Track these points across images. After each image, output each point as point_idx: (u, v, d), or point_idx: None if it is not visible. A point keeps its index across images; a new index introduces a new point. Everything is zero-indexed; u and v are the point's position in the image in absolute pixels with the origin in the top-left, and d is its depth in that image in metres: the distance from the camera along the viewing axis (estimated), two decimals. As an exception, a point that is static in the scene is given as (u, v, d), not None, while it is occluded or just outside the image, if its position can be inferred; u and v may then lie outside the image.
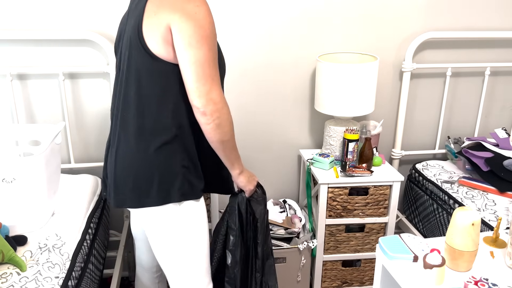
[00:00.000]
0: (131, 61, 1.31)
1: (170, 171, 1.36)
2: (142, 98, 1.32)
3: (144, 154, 1.34)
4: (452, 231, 1.28)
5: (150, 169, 1.35)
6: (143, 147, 1.34)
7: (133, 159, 1.36)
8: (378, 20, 2.31)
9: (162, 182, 1.36)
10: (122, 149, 1.38)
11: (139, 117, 1.33)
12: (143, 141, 1.34)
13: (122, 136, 1.38)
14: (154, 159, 1.34)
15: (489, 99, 2.55)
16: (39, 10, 2.06)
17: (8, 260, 1.49)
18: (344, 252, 2.24)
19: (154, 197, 1.37)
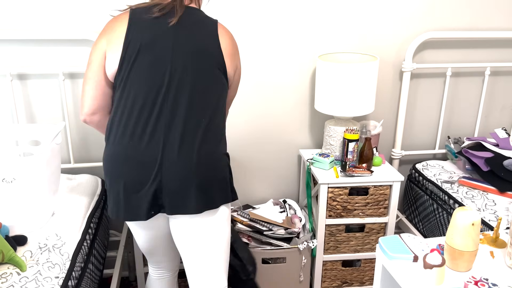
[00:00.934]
0: (210, 73, 1.44)
1: (228, 174, 1.52)
2: (218, 106, 1.47)
3: (221, 155, 1.48)
4: (452, 231, 1.28)
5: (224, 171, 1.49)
6: (224, 148, 1.51)
7: (216, 161, 1.46)
8: (378, 20, 2.32)
9: (231, 180, 1.54)
10: (204, 153, 1.42)
11: (220, 122, 1.49)
12: (223, 142, 1.51)
13: (200, 142, 1.42)
14: (224, 161, 1.50)
15: (489, 99, 2.55)
16: (39, 10, 2.06)
17: (8, 260, 1.49)
18: (344, 252, 2.24)
19: (230, 194, 1.52)
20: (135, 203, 1.41)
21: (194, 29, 1.44)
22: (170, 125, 1.39)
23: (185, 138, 1.40)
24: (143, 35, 1.40)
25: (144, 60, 1.40)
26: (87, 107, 1.47)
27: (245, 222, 2.14)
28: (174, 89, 1.40)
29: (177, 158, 1.38)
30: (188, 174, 1.39)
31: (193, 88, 1.41)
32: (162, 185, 1.39)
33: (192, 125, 1.40)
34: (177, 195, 1.40)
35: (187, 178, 1.39)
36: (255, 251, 2.10)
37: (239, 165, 2.45)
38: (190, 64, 1.41)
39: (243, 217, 2.16)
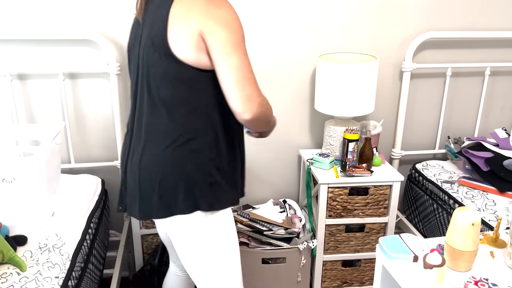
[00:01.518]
0: (156, 66, 1.27)
1: (197, 179, 1.32)
2: (170, 103, 1.29)
3: (171, 159, 1.30)
4: (452, 231, 1.28)
5: (177, 176, 1.31)
6: (171, 152, 1.30)
7: (160, 164, 1.31)
8: (378, 20, 2.31)
9: (189, 190, 1.32)
10: (148, 154, 1.32)
11: (168, 121, 1.30)
12: (171, 146, 1.30)
13: (148, 142, 1.33)
14: (182, 165, 1.30)
15: (489, 99, 2.55)
16: (39, 10, 2.06)
17: (8, 260, 1.49)
18: (344, 252, 2.24)
19: (181, 206, 1.32)
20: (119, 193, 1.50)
21: (154, 13, 1.28)
22: (136, 121, 1.38)
23: (136, 142, 1.37)
24: (131, 35, 1.43)
25: (130, 62, 1.43)
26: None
27: (245, 222, 2.14)
28: (139, 88, 1.35)
29: (130, 161, 1.38)
30: (133, 179, 1.36)
31: (143, 85, 1.32)
32: (125, 185, 1.43)
33: (140, 127, 1.35)
34: (130, 196, 1.39)
35: (135, 179, 1.35)
36: (255, 251, 2.10)
37: (239, 165, 2.45)
38: (145, 56, 1.29)
39: (243, 217, 2.16)
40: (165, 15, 1.23)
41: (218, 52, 1.22)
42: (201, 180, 1.31)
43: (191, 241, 1.38)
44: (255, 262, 2.12)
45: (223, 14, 1.22)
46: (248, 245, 2.13)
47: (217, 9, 1.22)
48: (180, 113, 1.29)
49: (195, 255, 1.40)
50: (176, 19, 1.22)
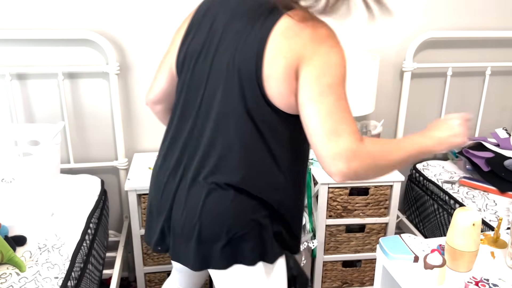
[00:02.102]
0: (235, 101, 1.09)
1: (264, 226, 1.16)
2: (247, 144, 1.11)
3: (240, 205, 1.13)
4: (453, 232, 1.28)
5: (245, 222, 1.14)
6: (240, 198, 1.13)
7: (229, 209, 1.13)
8: (378, 19, 2.31)
9: (255, 238, 1.16)
10: (215, 195, 1.13)
11: (242, 165, 1.11)
12: (240, 191, 1.13)
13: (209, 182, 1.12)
14: (250, 212, 1.14)
15: (490, 98, 2.55)
16: (39, 10, 2.06)
17: (8, 260, 1.48)
18: (344, 253, 2.24)
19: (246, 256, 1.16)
20: (151, 227, 1.27)
21: (241, 32, 1.09)
22: (190, 161, 1.16)
23: (199, 176, 1.14)
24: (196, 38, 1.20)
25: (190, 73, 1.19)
26: (151, 93, 1.39)
27: (245, 222, 2.13)
28: (203, 114, 1.15)
29: (187, 193, 1.15)
30: (192, 219, 1.14)
31: (216, 119, 1.12)
32: (170, 226, 1.20)
33: (206, 169, 1.13)
34: (180, 241, 1.18)
35: (191, 222, 1.14)
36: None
37: (239, 165, 2.45)
38: (220, 88, 1.11)
39: (243, 217, 2.15)
40: (262, 42, 1.05)
41: (306, 96, 1.03)
42: (259, 230, 1.16)
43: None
44: (255, 262, 2.12)
45: (327, 49, 1.06)
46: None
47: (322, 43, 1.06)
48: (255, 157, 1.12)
49: None
50: (275, 50, 1.04)
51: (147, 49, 2.19)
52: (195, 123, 1.16)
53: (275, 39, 1.04)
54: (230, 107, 1.10)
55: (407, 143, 1.10)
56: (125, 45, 2.17)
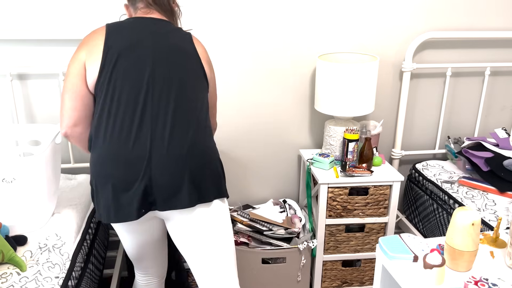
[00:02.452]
0: (193, 71, 1.49)
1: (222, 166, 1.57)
2: (203, 102, 1.51)
3: (216, 150, 1.51)
4: (452, 231, 1.28)
5: (220, 164, 1.51)
6: (214, 144, 1.51)
7: (211, 151, 1.48)
8: (378, 20, 2.32)
9: (224, 177, 1.54)
10: (199, 144, 1.44)
11: (207, 118, 1.51)
12: (212, 138, 1.51)
13: (190, 132, 1.43)
14: (218, 155, 1.52)
15: (489, 99, 2.55)
16: (39, 10, 2.06)
17: (8, 260, 1.49)
18: (344, 252, 2.24)
19: (224, 189, 1.52)
20: (125, 203, 1.39)
21: (171, 35, 1.50)
22: (156, 120, 1.40)
23: (174, 132, 1.40)
24: (122, 41, 1.44)
25: (125, 62, 1.42)
26: (68, 118, 1.46)
27: (245, 222, 2.14)
28: (158, 87, 1.42)
29: (167, 152, 1.38)
30: (179, 168, 1.39)
31: (179, 85, 1.44)
32: (152, 182, 1.38)
33: (181, 119, 1.42)
34: (168, 190, 1.39)
35: (178, 171, 1.39)
36: (255, 251, 2.10)
37: (239, 165, 2.45)
38: (173, 63, 1.45)
39: (243, 217, 2.16)
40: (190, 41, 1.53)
41: (213, 91, 1.64)
42: (221, 170, 1.54)
43: (221, 223, 1.51)
44: (255, 262, 2.12)
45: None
46: (248, 245, 2.13)
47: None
48: (206, 114, 1.51)
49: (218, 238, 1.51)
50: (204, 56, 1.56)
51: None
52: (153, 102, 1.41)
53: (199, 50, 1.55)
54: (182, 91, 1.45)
55: None
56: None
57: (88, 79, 1.44)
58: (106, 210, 1.41)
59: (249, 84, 2.32)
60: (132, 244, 1.62)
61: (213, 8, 2.18)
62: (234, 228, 2.15)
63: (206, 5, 2.17)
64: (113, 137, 1.39)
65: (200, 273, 1.53)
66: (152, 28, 1.49)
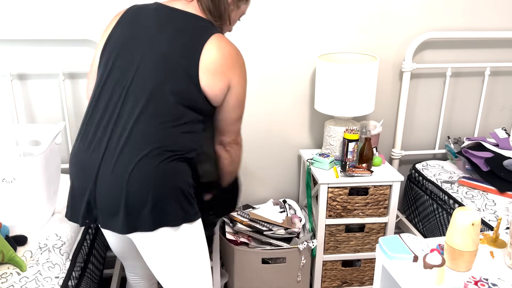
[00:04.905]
0: (169, 78, 1.31)
1: (183, 189, 1.34)
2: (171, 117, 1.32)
3: (162, 169, 1.30)
4: (452, 231, 1.28)
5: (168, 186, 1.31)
6: (161, 162, 1.30)
7: (153, 174, 1.29)
8: (378, 20, 2.32)
9: (180, 200, 1.33)
10: (140, 166, 1.27)
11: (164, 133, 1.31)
12: (160, 156, 1.30)
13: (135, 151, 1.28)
14: (170, 175, 1.31)
15: (489, 99, 2.55)
16: (39, 10, 2.06)
17: (8, 260, 1.49)
18: (344, 252, 2.24)
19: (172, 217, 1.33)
20: (76, 206, 1.36)
21: (177, 36, 1.34)
22: (115, 133, 1.30)
23: (125, 150, 1.28)
24: (121, 36, 1.38)
25: (116, 61, 1.35)
26: (87, 96, 1.53)
27: (245, 222, 2.14)
28: (132, 96, 1.31)
29: (111, 171, 1.27)
30: (117, 191, 1.27)
31: (151, 97, 1.30)
32: (96, 197, 1.30)
33: (138, 136, 1.28)
34: (106, 210, 1.30)
35: (116, 194, 1.28)
36: (255, 251, 2.10)
37: (239, 165, 2.45)
38: (156, 69, 1.31)
39: (243, 217, 2.16)
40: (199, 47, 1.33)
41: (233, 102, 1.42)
42: (181, 195, 1.33)
43: (174, 251, 1.36)
44: (255, 262, 2.12)
45: (244, 74, 1.43)
46: (248, 245, 2.13)
47: (243, 68, 1.41)
48: (177, 128, 1.33)
49: (175, 265, 1.39)
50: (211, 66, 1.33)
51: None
52: (123, 103, 1.32)
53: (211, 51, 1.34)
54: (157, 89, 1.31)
55: None
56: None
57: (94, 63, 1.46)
58: (67, 206, 1.41)
59: (249, 84, 2.32)
60: (113, 242, 1.57)
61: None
62: (234, 228, 2.15)
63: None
64: (80, 138, 1.36)
65: None
66: (161, 21, 1.35)
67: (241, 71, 1.40)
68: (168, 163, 1.30)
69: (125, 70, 1.34)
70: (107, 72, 1.36)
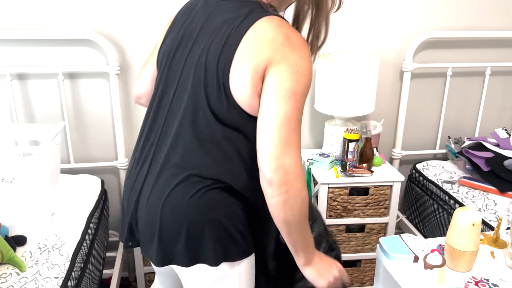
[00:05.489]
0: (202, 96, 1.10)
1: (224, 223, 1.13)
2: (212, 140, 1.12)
3: (198, 200, 1.11)
4: (453, 231, 1.28)
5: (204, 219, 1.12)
6: (198, 190, 1.11)
7: (187, 205, 1.11)
8: (378, 20, 2.31)
9: (220, 236, 1.13)
10: (174, 195, 1.11)
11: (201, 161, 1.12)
12: (198, 184, 1.11)
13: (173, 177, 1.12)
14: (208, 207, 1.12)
15: (490, 99, 2.55)
16: (39, 10, 2.06)
17: (8, 260, 1.48)
18: (344, 252, 2.24)
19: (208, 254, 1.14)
20: (122, 226, 1.27)
21: (225, 29, 1.10)
22: (159, 150, 1.16)
23: (161, 175, 1.13)
24: (170, 41, 1.22)
25: (164, 69, 1.21)
26: (135, 88, 1.41)
27: (245, 222, 2.13)
28: (173, 111, 1.16)
29: (148, 198, 1.14)
30: (154, 217, 1.13)
31: (186, 109, 1.13)
32: (138, 221, 1.19)
33: (173, 158, 1.13)
34: (144, 237, 1.18)
35: (152, 221, 1.14)
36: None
37: (239, 165, 2.45)
38: (190, 85, 1.13)
39: (243, 217, 2.15)
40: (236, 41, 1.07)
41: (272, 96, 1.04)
42: (231, 228, 1.14)
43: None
44: (255, 262, 2.12)
45: (296, 59, 1.07)
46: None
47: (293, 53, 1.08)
48: (218, 153, 1.12)
49: None
50: (248, 48, 1.06)
51: (147, 49, 2.19)
52: (167, 118, 1.17)
53: (248, 39, 1.06)
54: (195, 103, 1.11)
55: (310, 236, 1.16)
56: (125, 45, 2.17)
57: None
58: None
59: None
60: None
61: (213, 8, 2.17)
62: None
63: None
64: (134, 152, 1.25)
65: None
66: (209, 14, 1.15)
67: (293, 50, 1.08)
68: (205, 192, 1.11)
69: (167, 83, 1.19)
70: (157, 82, 1.23)
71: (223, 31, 1.09)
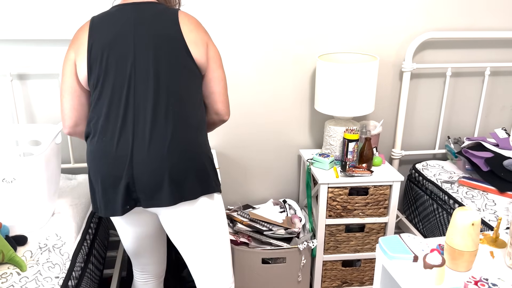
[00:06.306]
0: (174, 59, 1.43)
1: (212, 159, 1.51)
2: (189, 93, 1.45)
3: (203, 145, 1.47)
4: (452, 231, 1.28)
5: (207, 158, 1.47)
6: (202, 138, 1.47)
7: (195, 147, 1.44)
8: (378, 20, 2.32)
9: (214, 169, 1.50)
10: (180, 140, 1.40)
11: (193, 110, 1.46)
12: (200, 132, 1.47)
13: (174, 128, 1.40)
14: (207, 149, 1.49)
15: (489, 99, 2.55)
16: (39, 10, 2.06)
17: (8, 260, 1.49)
18: (344, 252, 2.24)
19: (213, 184, 1.49)
20: (111, 198, 1.42)
21: (154, 19, 1.44)
22: (137, 118, 1.39)
23: (154, 131, 1.38)
24: (103, 36, 1.43)
25: (108, 59, 1.41)
26: (68, 119, 1.51)
27: (245, 222, 2.14)
28: (139, 82, 1.40)
29: (147, 150, 1.38)
30: (159, 167, 1.38)
31: (157, 77, 1.40)
32: (134, 179, 1.39)
33: (161, 115, 1.39)
34: (150, 188, 1.39)
35: (158, 170, 1.38)
36: (255, 251, 2.11)
37: (239, 165, 2.45)
38: (152, 54, 1.41)
39: (243, 217, 2.16)
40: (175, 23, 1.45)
41: (215, 63, 1.52)
42: (211, 165, 1.49)
43: (208, 220, 1.50)
44: (255, 262, 2.12)
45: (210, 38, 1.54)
46: (248, 245, 2.13)
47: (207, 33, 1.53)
48: (192, 106, 1.46)
49: (211, 231, 1.51)
50: (191, 36, 1.46)
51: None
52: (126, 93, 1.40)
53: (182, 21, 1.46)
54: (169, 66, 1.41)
55: None
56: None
57: (79, 77, 1.46)
58: (98, 204, 1.46)
59: (249, 84, 2.32)
60: (131, 236, 1.63)
61: (213, 8, 2.18)
62: (234, 228, 2.15)
63: (205, 5, 2.17)
64: (101, 135, 1.41)
65: (192, 267, 1.56)
66: (133, 16, 1.44)
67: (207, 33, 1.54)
68: (198, 135, 1.45)
69: (121, 64, 1.41)
70: (103, 74, 1.42)
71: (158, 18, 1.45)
